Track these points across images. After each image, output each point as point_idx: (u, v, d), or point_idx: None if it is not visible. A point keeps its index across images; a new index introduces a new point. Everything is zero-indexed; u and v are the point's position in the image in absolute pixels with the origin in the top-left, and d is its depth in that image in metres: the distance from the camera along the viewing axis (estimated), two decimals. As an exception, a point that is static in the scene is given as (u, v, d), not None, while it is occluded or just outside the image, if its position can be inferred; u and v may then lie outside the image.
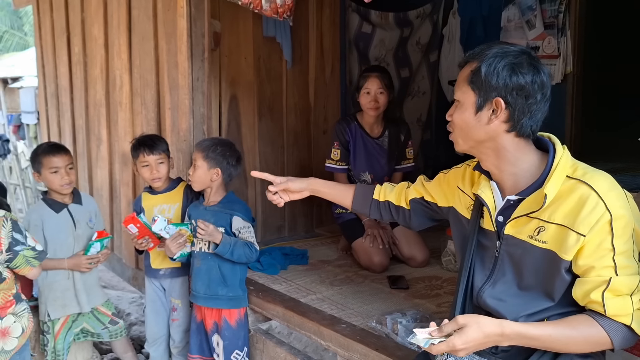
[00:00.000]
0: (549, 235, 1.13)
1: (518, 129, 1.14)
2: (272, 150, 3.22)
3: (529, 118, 1.14)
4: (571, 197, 1.11)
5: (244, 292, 2.19)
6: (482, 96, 1.15)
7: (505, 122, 1.14)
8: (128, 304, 3.77)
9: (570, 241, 1.10)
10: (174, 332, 2.38)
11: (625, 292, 1.08)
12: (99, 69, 3.26)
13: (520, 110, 1.13)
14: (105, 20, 3.14)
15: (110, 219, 3.35)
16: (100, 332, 2.49)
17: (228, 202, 2.14)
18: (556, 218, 1.12)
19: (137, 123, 2.90)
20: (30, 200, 6.81)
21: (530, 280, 1.19)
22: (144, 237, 2.17)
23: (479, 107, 1.16)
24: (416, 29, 3.84)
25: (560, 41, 3.34)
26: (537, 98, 1.13)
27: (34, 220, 2.25)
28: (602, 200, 1.08)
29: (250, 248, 2.09)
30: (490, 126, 1.15)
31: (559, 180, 1.13)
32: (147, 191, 2.34)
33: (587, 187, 1.10)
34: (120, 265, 3.34)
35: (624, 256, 1.09)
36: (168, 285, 2.36)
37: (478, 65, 1.15)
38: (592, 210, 1.08)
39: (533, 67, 1.13)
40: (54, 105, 4.00)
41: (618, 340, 1.09)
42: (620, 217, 1.08)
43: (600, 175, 1.14)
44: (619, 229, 1.08)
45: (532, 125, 1.16)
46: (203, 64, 2.39)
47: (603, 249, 1.08)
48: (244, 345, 2.17)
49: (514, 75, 1.12)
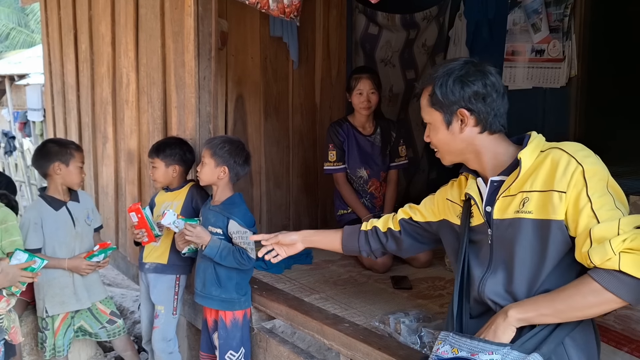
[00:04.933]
0: (533, 205, 1.18)
1: (489, 128, 1.26)
2: (278, 150, 3.23)
3: (494, 115, 1.26)
4: (545, 163, 1.18)
5: (240, 295, 2.16)
6: (447, 112, 1.27)
7: (475, 126, 1.26)
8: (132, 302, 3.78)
9: (555, 201, 1.14)
10: (153, 340, 2.32)
11: (608, 237, 1.07)
12: (106, 67, 3.28)
13: (484, 112, 1.24)
14: (113, 18, 3.16)
15: (116, 217, 3.37)
16: (97, 332, 2.48)
17: (229, 204, 2.13)
18: (536, 186, 1.18)
19: (143, 121, 2.91)
20: (35, 197, 6.85)
21: (526, 256, 1.20)
22: (141, 229, 2.20)
23: (448, 123, 1.28)
24: (422, 31, 3.84)
25: (565, 45, 3.34)
26: (493, 97, 1.25)
27: (33, 218, 2.24)
28: (572, 157, 1.15)
29: (241, 255, 2.06)
30: (464, 134, 1.27)
31: (532, 150, 1.21)
32: (164, 188, 2.40)
33: (558, 150, 1.18)
34: (124, 263, 3.36)
35: (604, 208, 1.10)
36: (152, 281, 2.34)
37: (432, 89, 1.28)
38: (566, 168, 1.14)
39: (480, 72, 1.25)
40: (61, 102, 4.02)
41: (618, 289, 1.06)
42: (591, 169, 1.13)
43: (569, 142, 1.21)
44: (592, 180, 1.11)
45: (500, 120, 1.27)
46: (210, 63, 2.40)
47: (582, 201, 1.11)
48: (240, 346, 2.16)
49: (465, 86, 1.24)
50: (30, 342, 2.61)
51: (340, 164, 2.84)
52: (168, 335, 2.32)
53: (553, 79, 3.43)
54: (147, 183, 2.91)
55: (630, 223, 1.08)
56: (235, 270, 2.12)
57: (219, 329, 2.16)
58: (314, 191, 3.40)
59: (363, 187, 2.87)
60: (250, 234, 2.10)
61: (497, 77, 1.27)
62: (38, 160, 2.31)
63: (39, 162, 2.31)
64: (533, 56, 3.51)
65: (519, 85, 3.62)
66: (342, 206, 2.90)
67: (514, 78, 3.64)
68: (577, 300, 1.10)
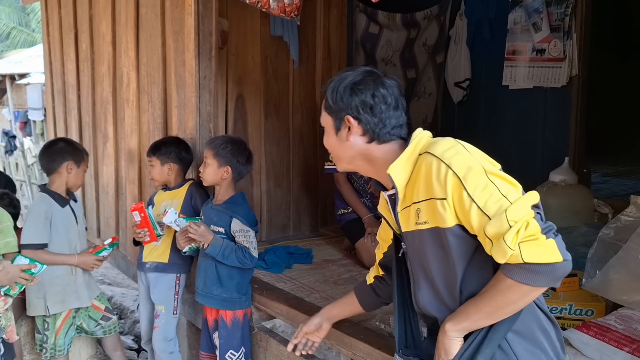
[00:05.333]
0: (425, 214, 1.15)
1: (377, 138, 1.23)
2: (278, 149, 3.23)
3: (382, 126, 1.22)
4: (422, 170, 1.15)
5: (241, 295, 2.17)
6: (336, 118, 1.25)
7: (362, 135, 1.23)
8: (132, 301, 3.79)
9: (440, 209, 1.10)
10: (154, 340, 2.33)
11: (501, 233, 1.02)
12: (107, 66, 3.28)
13: (371, 122, 1.21)
14: (113, 18, 3.15)
15: (116, 216, 3.37)
16: (94, 330, 2.48)
17: (232, 203, 2.14)
18: (420, 195, 1.15)
19: (144, 121, 2.91)
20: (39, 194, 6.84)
21: (435, 265, 1.17)
22: (143, 228, 2.19)
23: (337, 128, 1.26)
24: (423, 30, 3.84)
25: (566, 44, 3.34)
26: (382, 108, 1.21)
27: (44, 212, 2.25)
28: (441, 161, 1.10)
29: (244, 253, 2.06)
30: (350, 142, 1.24)
31: (405, 162, 1.17)
32: (163, 188, 2.40)
33: (428, 155, 1.14)
34: (125, 263, 3.35)
35: (490, 201, 1.04)
36: (152, 281, 2.34)
37: (326, 92, 1.27)
38: (438, 174, 1.10)
39: (373, 82, 1.22)
40: (61, 102, 4.02)
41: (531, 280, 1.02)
42: (461, 168, 1.08)
43: (439, 141, 1.16)
44: (467, 178, 1.06)
45: (390, 132, 1.23)
46: (210, 62, 2.40)
47: (465, 203, 1.06)
48: (241, 345, 2.16)
49: (353, 94, 1.22)
50: (31, 342, 2.61)
51: None
52: (169, 335, 2.32)
53: (554, 79, 3.43)
54: (147, 182, 2.91)
55: (519, 208, 1.02)
56: (236, 269, 2.12)
57: (219, 328, 2.16)
58: (315, 191, 3.40)
59: (363, 187, 2.87)
60: (252, 233, 2.11)
61: (392, 89, 1.22)
62: (51, 156, 2.31)
63: (52, 157, 2.30)
64: (534, 55, 3.51)
65: (520, 84, 3.62)
66: (343, 206, 2.90)
67: (514, 77, 3.64)
68: (500, 299, 1.07)
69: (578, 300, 1.91)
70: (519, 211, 1.01)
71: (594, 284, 1.79)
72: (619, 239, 1.85)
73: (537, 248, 1.00)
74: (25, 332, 2.59)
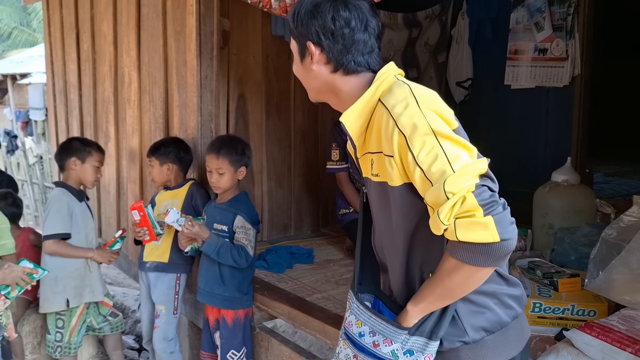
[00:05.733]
0: (377, 166, 1.07)
1: (342, 67, 1.11)
2: (280, 149, 3.23)
3: (347, 53, 1.10)
4: (375, 121, 1.06)
5: (242, 294, 2.17)
6: (300, 43, 1.15)
7: (326, 64, 1.12)
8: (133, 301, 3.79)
9: (388, 166, 1.03)
10: (155, 340, 2.34)
11: (438, 204, 0.94)
12: (108, 66, 3.28)
13: (334, 49, 1.10)
14: (115, 18, 3.15)
15: (117, 216, 3.37)
16: (102, 326, 2.51)
17: (236, 201, 2.16)
18: (373, 147, 1.07)
19: (145, 120, 2.91)
20: (37, 197, 6.85)
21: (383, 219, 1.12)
22: (143, 227, 2.20)
23: (301, 55, 1.16)
24: (425, 30, 3.83)
25: (569, 44, 3.33)
26: (344, 33, 1.09)
27: (67, 203, 2.31)
28: (390, 115, 1.00)
29: (239, 252, 2.06)
30: (315, 71, 1.13)
31: (362, 109, 1.08)
32: (164, 187, 2.41)
33: (381, 106, 1.04)
34: (126, 262, 3.36)
35: (433, 167, 0.95)
36: (153, 280, 2.35)
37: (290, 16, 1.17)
38: (386, 129, 1.01)
39: (333, 6, 1.10)
40: (63, 102, 4.03)
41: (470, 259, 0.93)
42: (408, 126, 0.98)
43: (394, 90, 1.04)
44: (412, 138, 0.97)
45: (356, 59, 1.11)
46: (211, 62, 2.40)
47: (410, 164, 0.98)
48: (242, 346, 2.16)
49: (313, 18, 1.11)
50: (33, 341, 2.61)
51: (343, 163, 2.83)
52: (169, 334, 2.32)
53: (556, 78, 3.42)
54: (148, 182, 2.91)
55: (459, 179, 0.92)
56: (237, 268, 2.11)
57: (220, 328, 2.16)
58: (316, 190, 3.40)
59: (365, 187, 2.86)
60: (253, 232, 2.12)
61: (357, 11, 1.10)
62: (58, 154, 2.40)
63: (59, 156, 2.39)
64: (536, 55, 3.50)
65: (522, 84, 3.61)
66: (344, 205, 2.90)
67: (517, 77, 3.63)
68: (447, 281, 0.99)
69: (581, 300, 1.90)
70: (458, 183, 0.91)
71: (596, 284, 1.78)
72: (622, 239, 1.84)
73: (471, 226, 0.90)
74: (27, 331, 2.59)
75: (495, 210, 0.91)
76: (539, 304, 1.91)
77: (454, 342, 1.05)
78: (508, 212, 0.94)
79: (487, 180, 0.95)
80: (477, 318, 1.06)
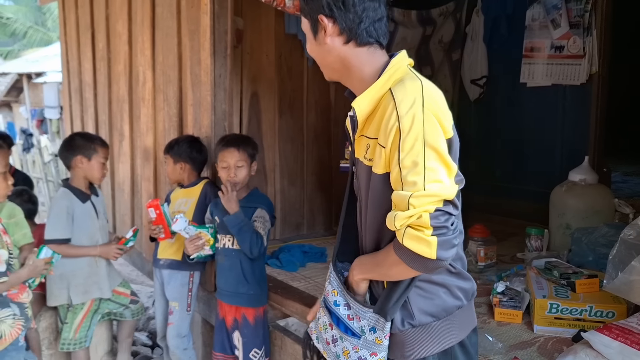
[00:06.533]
0: (371, 151, 1.12)
1: (355, 37, 1.13)
2: (292, 147, 3.23)
3: (359, 22, 1.12)
4: (381, 109, 1.09)
5: (262, 290, 2.20)
6: (311, 20, 1.17)
7: (340, 34, 1.14)
8: (147, 298, 3.82)
9: (377, 154, 1.09)
10: (168, 337, 2.35)
11: (399, 208, 1.03)
12: (123, 65, 3.30)
13: (347, 19, 1.12)
14: (130, 17, 3.18)
15: (132, 214, 3.40)
16: (123, 312, 2.54)
17: (254, 196, 2.19)
18: (373, 132, 1.11)
19: (159, 119, 2.93)
20: (52, 194, 6.95)
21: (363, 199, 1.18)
22: (158, 225, 2.22)
23: (314, 31, 1.17)
24: (439, 27, 3.80)
25: (586, 41, 3.27)
26: (355, 1, 1.12)
27: (67, 207, 2.31)
28: (396, 109, 1.04)
29: (257, 238, 2.06)
30: (328, 45, 1.15)
31: (371, 93, 1.11)
32: (179, 185, 2.43)
33: (389, 95, 1.07)
34: (140, 260, 3.38)
35: (411, 173, 1.02)
36: (166, 277, 2.37)
37: None
38: (388, 120, 1.05)
39: None
40: (78, 100, 4.07)
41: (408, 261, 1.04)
42: (406, 127, 1.02)
43: (406, 83, 1.07)
44: (405, 138, 1.02)
45: (368, 29, 1.13)
46: (225, 61, 2.40)
47: (393, 161, 1.05)
48: (263, 343, 2.17)
49: None
50: (49, 336, 2.65)
51: None
52: (182, 331, 2.34)
53: (573, 76, 3.36)
54: (162, 180, 2.93)
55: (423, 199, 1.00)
56: (255, 262, 2.13)
57: (240, 327, 2.16)
58: (329, 189, 3.39)
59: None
60: (269, 225, 2.14)
61: None
62: (63, 152, 2.38)
63: (64, 154, 2.38)
64: (552, 52, 3.45)
65: (538, 82, 3.56)
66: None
67: (532, 75, 3.58)
68: (387, 269, 1.11)
69: (599, 301, 1.87)
70: (422, 201, 1.00)
71: (615, 285, 1.75)
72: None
73: (417, 239, 1.01)
74: (44, 327, 2.63)
75: (442, 234, 1.01)
76: (556, 305, 1.88)
77: (404, 324, 1.14)
78: (455, 238, 1.03)
79: (449, 206, 1.03)
80: (426, 304, 1.15)
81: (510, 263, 2.64)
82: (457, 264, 1.18)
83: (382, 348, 1.13)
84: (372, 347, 1.14)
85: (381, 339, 1.13)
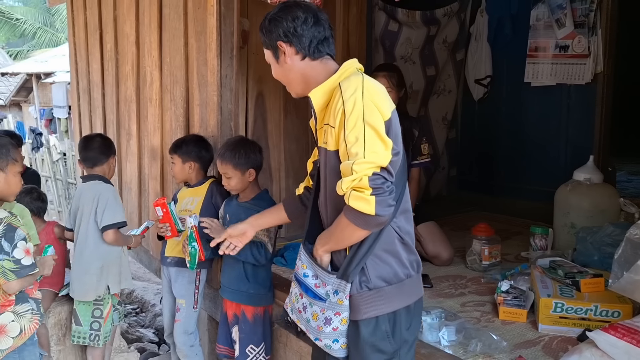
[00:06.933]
0: (327, 135, 1.34)
1: (309, 54, 1.40)
2: (297, 147, 3.25)
3: (309, 41, 1.39)
4: (333, 100, 1.32)
5: (267, 291, 2.20)
6: (272, 48, 1.43)
7: (297, 54, 1.40)
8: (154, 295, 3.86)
9: (329, 135, 1.32)
10: (175, 334, 2.38)
11: (345, 175, 1.25)
12: (130, 66, 3.34)
13: (300, 41, 1.38)
14: (137, 18, 3.21)
15: (139, 212, 3.43)
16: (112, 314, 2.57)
17: (260, 199, 2.16)
18: (327, 119, 1.34)
19: (166, 119, 2.96)
20: (61, 192, 7.02)
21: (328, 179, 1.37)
22: (165, 223, 2.26)
23: (276, 57, 1.43)
24: (443, 27, 3.81)
25: (591, 40, 3.27)
26: (303, 27, 1.38)
27: (118, 195, 2.48)
28: (341, 96, 1.28)
29: (259, 249, 2.07)
30: (289, 64, 1.41)
31: (325, 88, 1.35)
32: (186, 184, 2.46)
33: (339, 88, 1.30)
34: (147, 257, 3.42)
35: (354, 146, 1.24)
36: (174, 275, 2.40)
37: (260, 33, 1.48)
38: (336, 105, 1.29)
39: (288, 9, 1.41)
40: (86, 100, 4.11)
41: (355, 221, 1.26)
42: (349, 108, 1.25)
43: (350, 79, 1.31)
44: (349, 118, 1.25)
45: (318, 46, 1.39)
46: (231, 62, 2.43)
47: (341, 137, 1.27)
48: (261, 341, 2.18)
49: (277, 24, 1.40)
50: (58, 333, 2.69)
51: None
52: (189, 328, 2.37)
53: (578, 76, 3.36)
54: (169, 179, 2.96)
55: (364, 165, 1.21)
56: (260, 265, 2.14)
57: (239, 323, 2.19)
58: (334, 188, 3.40)
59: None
60: (275, 228, 2.12)
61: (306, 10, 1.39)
62: (102, 150, 2.49)
63: (102, 150, 2.48)
64: (557, 52, 3.45)
65: (543, 81, 3.56)
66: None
67: (537, 74, 3.58)
68: (339, 233, 1.32)
69: (604, 301, 1.88)
70: (363, 166, 1.22)
71: (621, 285, 1.76)
72: (647, 239, 1.80)
73: (359, 199, 1.23)
74: (52, 323, 2.67)
75: (379, 193, 1.22)
76: (560, 304, 1.89)
77: (361, 286, 1.34)
78: (391, 199, 1.25)
79: (385, 172, 1.25)
80: (380, 270, 1.35)
81: (515, 262, 2.65)
82: (406, 237, 1.39)
83: (344, 308, 1.34)
84: (335, 307, 1.34)
85: (342, 300, 1.33)
